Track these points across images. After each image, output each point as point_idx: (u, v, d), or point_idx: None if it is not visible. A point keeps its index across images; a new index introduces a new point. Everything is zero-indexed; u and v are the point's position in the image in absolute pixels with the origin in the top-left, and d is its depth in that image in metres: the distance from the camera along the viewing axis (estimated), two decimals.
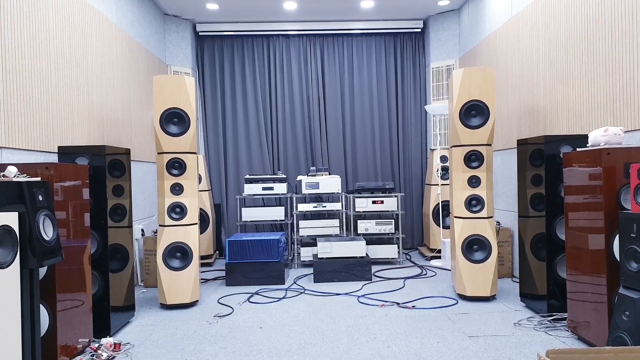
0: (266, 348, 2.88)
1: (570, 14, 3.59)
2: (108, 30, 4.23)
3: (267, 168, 6.32)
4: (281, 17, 6.09)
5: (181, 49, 6.00)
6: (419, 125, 6.45)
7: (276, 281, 4.48)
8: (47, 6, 3.23)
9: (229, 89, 6.36)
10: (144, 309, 3.82)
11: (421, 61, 6.48)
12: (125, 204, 3.43)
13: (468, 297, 3.79)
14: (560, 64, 3.75)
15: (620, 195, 2.55)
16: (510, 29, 4.60)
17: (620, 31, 3.03)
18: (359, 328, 3.21)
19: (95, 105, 3.92)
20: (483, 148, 3.79)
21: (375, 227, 5.39)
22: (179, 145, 3.79)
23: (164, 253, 3.76)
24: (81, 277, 2.84)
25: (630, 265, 2.29)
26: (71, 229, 2.75)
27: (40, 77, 3.13)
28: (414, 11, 6.04)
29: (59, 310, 2.56)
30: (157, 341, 3.06)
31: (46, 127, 3.19)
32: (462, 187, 3.82)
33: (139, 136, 4.91)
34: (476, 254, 3.78)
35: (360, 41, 6.44)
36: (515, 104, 4.56)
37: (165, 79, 3.77)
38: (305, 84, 6.41)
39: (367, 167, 6.43)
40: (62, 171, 2.67)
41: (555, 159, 3.29)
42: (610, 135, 2.70)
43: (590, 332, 2.74)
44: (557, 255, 3.29)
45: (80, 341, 2.78)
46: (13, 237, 2.08)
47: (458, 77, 3.80)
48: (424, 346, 2.85)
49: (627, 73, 2.98)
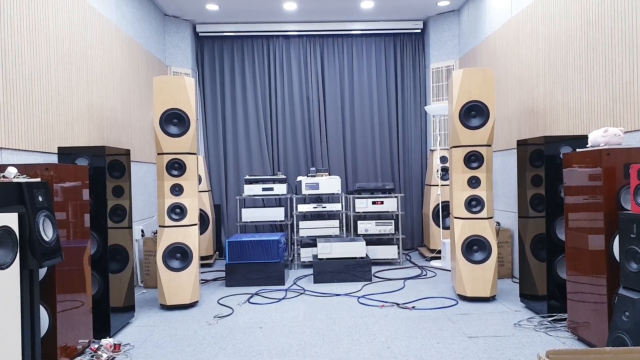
0: (266, 349, 2.88)
1: (569, 15, 3.60)
2: (108, 31, 4.23)
3: (267, 169, 6.33)
4: (281, 17, 6.09)
5: (181, 49, 6.00)
6: (419, 125, 6.45)
7: (276, 282, 4.48)
8: (47, 7, 3.24)
9: (229, 89, 6.36)
10: (144, 309, 3.82)
11: (421, 62, 6.49)
12: (125, 205, 3.43)
13: (468, 298, 3.79)
14: (560, 65, 3.75)
15: (620, 196, 2.55)
16: (510, 29, 4.60)
17: (619, 32, 3.04)
18: (359, 329, 3.21)
19: (95, 106, 3.92)
20: (483, 149, 3.79)
21: (375, 228, 5.39)
22: (178, 146, 3.79)
23: (164, 254, 3.76)
24: (81, 278, 2.84)
25: (630, 265, 2.29)
26: (71, 230, 2.74)
27: (40, 78, 3.13)
28: (413, 12, 6.04)
29: (59, 311, 2.56)
30: (157, 342, 3.06)
31: (46, 127, 3.19)
32: (462, 187, 3.82)
33: (139, 137, 4.92)
34: (476, 255, 3.78)
35: (360, 42, 6.44)
36: (515, 105, 4.56)
37: (165, 79, 3.77)
38: (305, 84, 6.41)
39: (367, 167, 6.43)
40: (62, 172, 2.67)
41: (555, 159, 3.29)
42: (610, 136, 2.70)
43: (590, 332, 2.74)
44: (557, 256, 3.29)
45: (80, 342, 2.78)
46: (13, 238, 2.08)
47: (458, 78, 3.80)
48: (424, 347, 2.85)
49: (626, 74, 2.98)
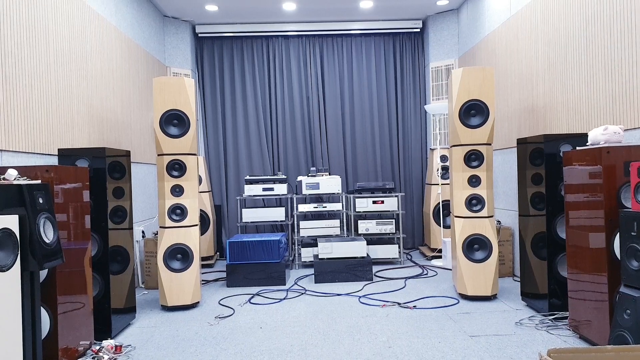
0: (267, 349, 2.88)
1: (569, 13, 3.59)
2: (107, 32, 4.23)
3: (267, 169, 6.33)
4: (280, 18, 6.09)
5: (181, 50, 6.00)
6: (419, 125, 6.45)
7: (277, 282, 4.48)
8: (46, 9, 3.24)
9: (229, 90, 6.36)
10: (145, 310, 3.82)
11: (420, 61, 6.48)
12: (126, 206, 3.43)
13: (469, 297, 3.79)
14: (559, 63, 3.75)
15: (620, 194, 2.55)
16: (509, 28, 4.60)
17: (619, 30, 3.03)
18: (360, 328, 3.21)
19: (95, 108, 3.92)
20: (483, 147, 3.79)
21: (375, 227, 5.39)
22: (179, 147, 3.80)
23: (164, 254, 3.76)
24: (82, 280, 2.84)
25: (631, 263, 2.29)
26: (72, 231, 2.75)
27: (40, 80, 3.13)
28: (413, 11, 6.04)
29: (59, 313, 2.56)
30: (159, 343, 3.06)
31: (46, 129, 3.19)
32: (463, 186, 3.82)
33: (139, 138, 4.92)
34: (477, 254, 3.78)
35: (360, 41, 6.44)
36: (514, 103, 4.56)
37: (165, 80, 3.77)
38: (304, 84, 6.41)
39: (367, 167, 6.43)
40: (62, 173, 2.67)
41: (555, 157, 3.29)
42: (609, 134, 2.70)
43: (592, 330, 2.73)
44: (558, 254, 3.29)
45: (81, 344, 2.78)
46: (13, 240, 2.08)
47: (457, 77, 3.80)
48: (426, 346, 2.85)
49: (626, 72, 2.98)
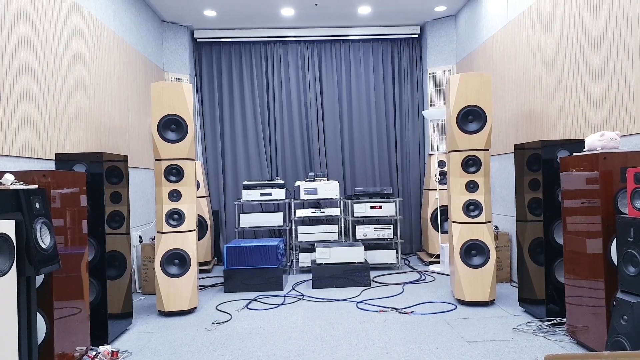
0: (265, 355, 2.87)
1: (565, 20, 3.62)
2: (106, 37, 4.24)
3: (265, 174, 6.33)
4: (279, 23, 6.12)
5: (179, 55, 6.01)
6: (417, 130, 6.47)
7: (275, 287, 4.47)
8: (44, 14, 3.24)
9: (227, 95, 6.37)
10: (142, 316, 3.81)
11: (418, 67, 6.51)
12: (123, 211, 3.43)
13: (467, 302, 3.79)
14: (556, 69, 3.77)
15: (617, 200, 2.55)
16: (506, 34, 4.63)
17: (615, 36, 3.05)
18: (357, 334, 3.20)
19: (92, 112, 3.92)
20: (480, 153, 3.80)
21: (373, 233, 5.39)
22: (176, 152, 3.79)
23: (162, 260, 3.75)
24: (79, 285, 2.83)
25: (627, 269, 2.29)
26: (68, 237, 2.74)
27: (37, 84, 3.13)
28: (411, 17, 6.07)
29: (56, 318, 2.55)
30: (155, 349, 3.05)
31: (43, 134, 3.19)
32: (460, 191, 3.83)
33: (137, 143, 4.92)
34: (475, 259, 3.78)
35: (358, 47, 6.47)
36: (512, 109, 4.57)
37: (163, 85, 3.77)
38: (303, 89, 6.42)
39: (365, 172, 6.44)
40: (59, 178, 2.67)
41: (553, 163, 3.30)
42: (606, 140, 2.71)
43: (589, 336, 2.73)
44: (556, 260, 3.29)
45: (77, 349, 2.76)
46: (10, 245, 2.07)
47: (455, 83, 3.81)
48: (423, 352, 2.84)
49: (622, 78, 3.00)
